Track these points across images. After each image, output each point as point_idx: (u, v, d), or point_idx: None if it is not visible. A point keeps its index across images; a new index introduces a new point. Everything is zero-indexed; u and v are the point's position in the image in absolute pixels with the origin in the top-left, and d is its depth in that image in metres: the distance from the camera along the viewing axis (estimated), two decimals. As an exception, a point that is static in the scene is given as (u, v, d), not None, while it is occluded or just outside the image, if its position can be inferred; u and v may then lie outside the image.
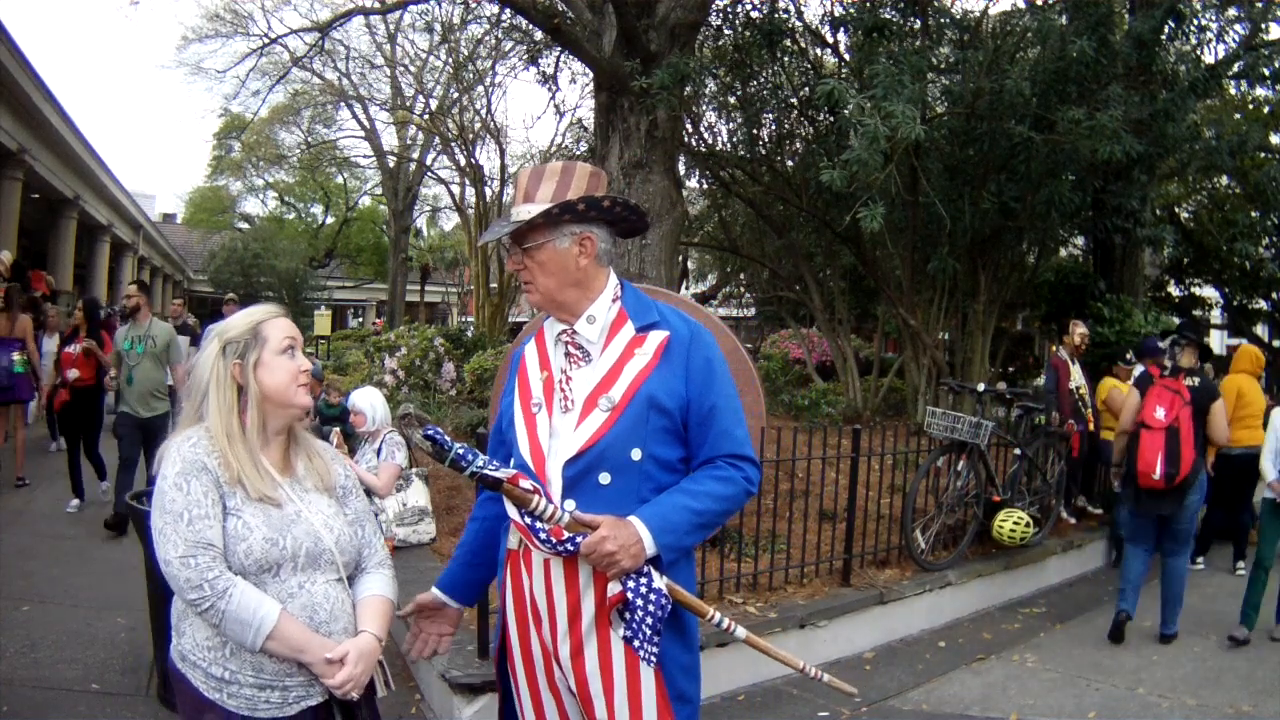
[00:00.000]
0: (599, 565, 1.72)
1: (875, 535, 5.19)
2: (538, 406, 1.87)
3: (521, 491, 1.73)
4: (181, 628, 1.77)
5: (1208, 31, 7.13)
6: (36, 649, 4.08)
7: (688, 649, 1.87)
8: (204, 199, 35.52)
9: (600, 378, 1.82)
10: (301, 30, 16.37)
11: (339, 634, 1.78)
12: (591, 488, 1.78)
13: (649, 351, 1.82)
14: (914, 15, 7.10)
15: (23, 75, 11.11)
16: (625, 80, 6.46)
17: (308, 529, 1.79)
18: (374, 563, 1.93)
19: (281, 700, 1.73)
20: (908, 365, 8.87)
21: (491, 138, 18.46)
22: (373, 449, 5.21)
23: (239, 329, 1.83)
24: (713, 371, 1.85)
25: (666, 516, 1.75)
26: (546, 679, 1.88)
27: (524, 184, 1.86)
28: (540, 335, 1.96)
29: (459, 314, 30.43)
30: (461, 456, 1.73)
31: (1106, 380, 6.93)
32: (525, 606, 1.87)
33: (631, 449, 1.78)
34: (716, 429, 1.83)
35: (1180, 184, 11.93)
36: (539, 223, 1.81)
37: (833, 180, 5.27)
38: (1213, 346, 17.22)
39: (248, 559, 1.71)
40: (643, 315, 1.87)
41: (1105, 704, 4.11)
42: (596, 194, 1.83)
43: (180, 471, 1.71)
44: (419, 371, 10.42)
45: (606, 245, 1.89)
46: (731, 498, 1.84)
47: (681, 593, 1.79)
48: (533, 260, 1.84)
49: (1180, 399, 4.74)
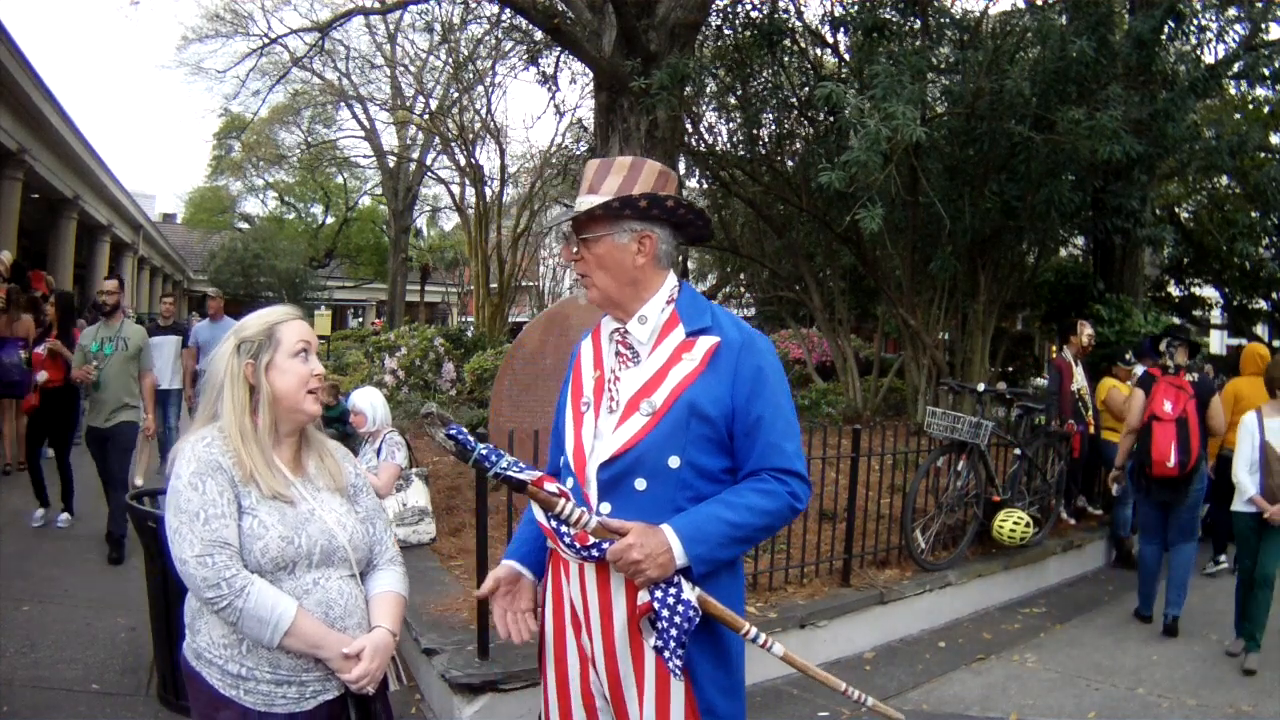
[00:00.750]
0: (625, 573, 1.69)
1: (875, 535, 5.19)
2: (586, 406, 1.84)
3: (546, 495, 1.70)
4: (196, 626, 1.78)
5: (1208, 31, 7.13)
6: (36, 649, 4.08)
7: (721, 664, 1.79)
8: (204, 199, 35.53)
9: (644, 381, 1.78)
10: (301, 30, 16.38)
11: (353, 629, 1.80)
12: (627, 493, 1.74)
13: (696, 357, 1.77)
14: (914, 15, 7.09)
15: (23, 75, 11.11)
16: (625, 80, 6.47)
17: (322, 527, 1.80)
18: (386, 559, 1.95)
19: (298, 695, 1.75)
20: (908, 365, 8.87)
21: (491, 138, 18.49)
22: (373, 449, 5.20)
23: (254, 329, 1.84)
24: (763, 380, 1.77)
25: (700, 527, 1.69)
26: (580, 684, 1.85)
27: (590, 175, 1.83)
28: (597, 332, 1.93)
29: (459, 314, 30.44)
30: (485, 457, 1.71)
31: (1106, 380, 6.93)
32: (564, 609, 1.85)
33: (669, 456, 1.73)
34: (764, 440, 1.75)
35: (1180, 184, 11.93)
36: (599, 215, 1.78)
37: (831, 181, 5.26)
38: (1212, 347, 17.26)
39: (264, 557, 1.72)
40: (695, 319, 1.81)
41: (1105, 704, 4.11)
42: (662, 193, 1.79)
43: (195, 471, 1.72)
44: (419, 371, 10.43)
45: (668, 247, 1.84)
46: (774, 513, 1.75)
47: (715, 606, 1.73)
48: (590, 253, 1.81)
49: (1185, 393, 5.04)
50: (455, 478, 6.64)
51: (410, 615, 3.95)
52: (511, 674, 3.40)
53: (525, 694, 3.41)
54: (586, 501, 1.77)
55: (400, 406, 9.39)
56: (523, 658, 3.48)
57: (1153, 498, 5.17)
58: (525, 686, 3.40)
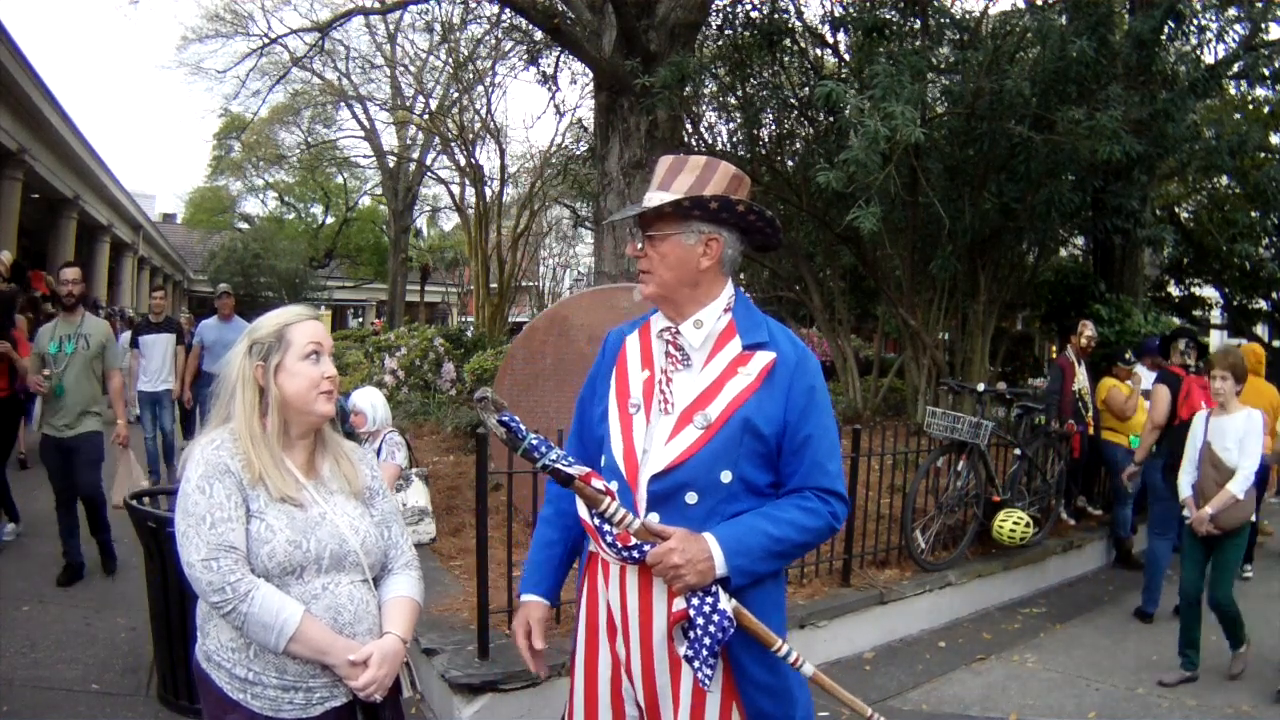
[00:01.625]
0: (664, 577, 1.67)
1: (875, 535, 5.19)
2: (635, 408, 1.81)
3: (593, 491, 1.68)
4: (206, 629, 1.78)
5: (1208, 31, 7.13)
6: (36, 649, 4.08)
7: (770, 669, 1.77)
8: (204, 199, 35.52)
9: (700, 392, 1.76)
10: (301, 30, 16.38)
11: (363, 635, 1.78)
12: (678, 506, 1.73)
13: (753, 372, 1.75)
14: (914, 15, 7.09)
15: (23, 75, 11.11)
16: (625, 80, 6.47)
17: (332, 531, 1.78)
18: (401, 564, 1.92)
19: (305, 701, 1.74)
20: (908, 365, 8.87)
21: (491, 138, 18.51)
22: (373, 449, 5.20)
23: (266, 330, 1.82)
24: (814, 400, 1.77)
25: (742, 539, 1.68)
26: (611, 691, 1.83)
27: (662, 171, 1.80)
28: (646, 329, 1.89)
29: (459, 314, 30.45)
30: (535, 448, 1.67)
31: (1106, 380, 6.93)
32: (598, 614, 1.83)
33: (722, 471, 1.72)
34: (809, 459, 1.76)
35: (1180, 184, 11.94)
36: (668, 212, 1.75)
37: (830, 182, 5.26)
38: (1212, 347, 17.24)
39: (270, 561, 1.71)
40: (752, 333, 1.80)
41: (1105, 704, 4.11)
42: (734, 197, 1.75)
43: (203, 474, 1.71)
44: (419, 371, 10.42)
45: (733, 252, 1.81)
46: (814, 531, 1.76)
47: (750, 619, 1.71)
48: (655, 250, 1.78)
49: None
50: (455, 478, 6.63)
51: (410, 615, 3.95)
52: (511, 674, 3.40)
53: (525, 694, 3.41)
54: (635, 507, 1.75)
55: (400, 406, 9.39)
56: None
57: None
58: (525, 687, 3.40)
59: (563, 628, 3.77)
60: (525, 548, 3.93)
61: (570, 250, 28.39)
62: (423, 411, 9.48)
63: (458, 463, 7.09)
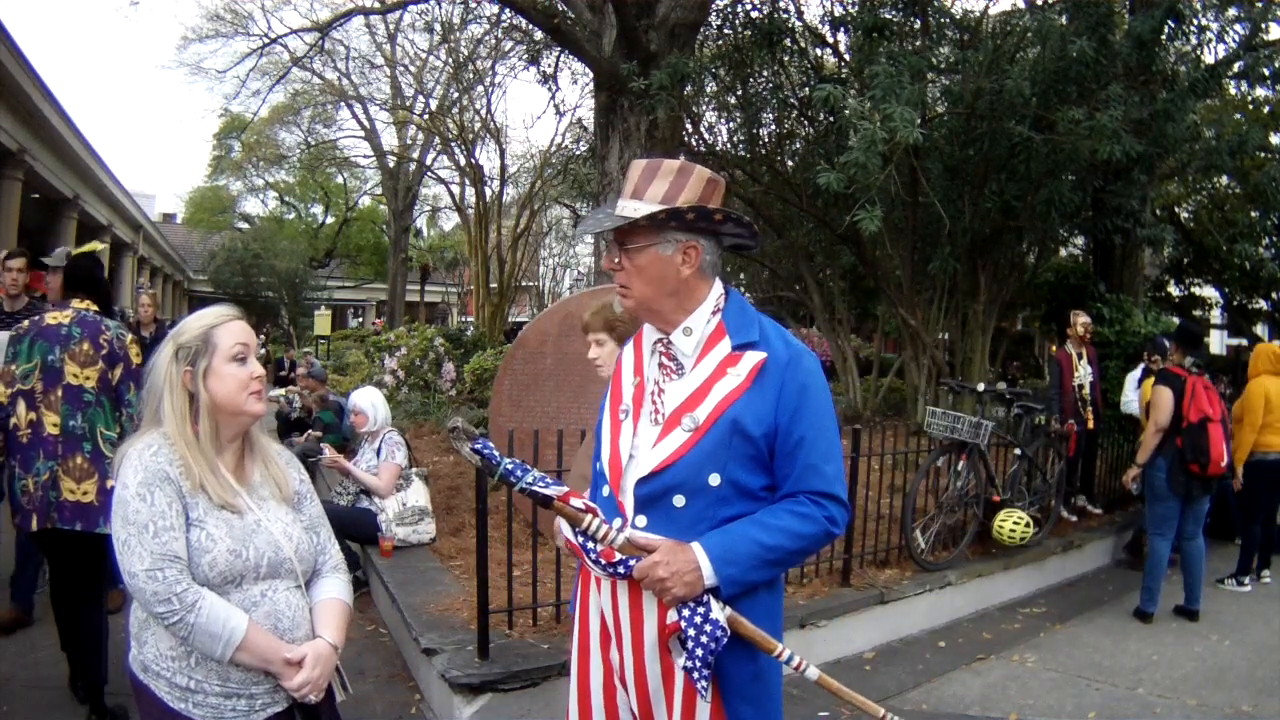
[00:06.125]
0: (651, 591, 1.66)
1: (875, 535, 5.19)
2: (624, 413, 1.79)
3: (574, 510, 1.67)
4: (143, 637, 1.75)
5: (1208, 31, 7.14)
6: (36, 649, 4.07)
7: (755, 676, 1.75)
8: (204, 199, 35.53)
9: (687, 395, 1.72)
10: (301, 30, 16.39)
11: (302, 640, 1.80)
12: (666, 509, 1.70)
13: (742, 373, 1.71)
14: (914, 15, 7.10)
15: (23, 75, 11.11)
16: (625, 80, 6.47)
17: (269, 538, 1.78)
18: (329, 567, 1.93)
19: (248, 708, 1.74)
20: (908, 365, 8.87)
21: (491, 138, 18.52)
22: (373, 449, 5.21)
23: (191, 334, 1.79)
24: (807, 400, 1.71)
25: (731, 547, 1.65)
26: (604, 700, 1.83)
27: (635, 178, 1.76)
28: (639, 339, 1.88)
29: (459, 314, 30.43)
30: (510, 472, 1.69)
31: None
32: (589, 623, 1.83)
33: (710, 473, 1.68)
34: (804, 462, 1.70)
35: (1180, 184, 11.94)
36: (643, 225, 1.71)
37: (830, 183, 5.26)
38: (1213, 347, 17.26)
39: (212, 571, 1.70)
40: (742, 332, 1.75)
41: (1105, 704, 4.11)
42: (709, 204, 1.72)
43: (143, 481, 1.68)
44: (419, 371, 10.43)
45: (712, 257, 1.78)
46: (809, 537, 1.70)
47: (746, 626, 1.69)
48: (631, 262, 1.74)
49: (1215, 392, 5.25)
50: (455, 478, 6.64)
51: (410, 615, 3.96)
52: (511, 674, 3.40)
53: (525, 694, 3.41)
54: (622, 512, 1.73)
55: (400, 406, 9.40)
56: (522, 658, 3.49)
57: (1194, 495, 5.28)
58: (525, 687, 3.40)
59: (563, 627, 3.78)
60: (525, 548, 3.96)
61: (570, 250, 28.38)
62: (423, 411, 9.49)
63: (458, 463, 7.09)
